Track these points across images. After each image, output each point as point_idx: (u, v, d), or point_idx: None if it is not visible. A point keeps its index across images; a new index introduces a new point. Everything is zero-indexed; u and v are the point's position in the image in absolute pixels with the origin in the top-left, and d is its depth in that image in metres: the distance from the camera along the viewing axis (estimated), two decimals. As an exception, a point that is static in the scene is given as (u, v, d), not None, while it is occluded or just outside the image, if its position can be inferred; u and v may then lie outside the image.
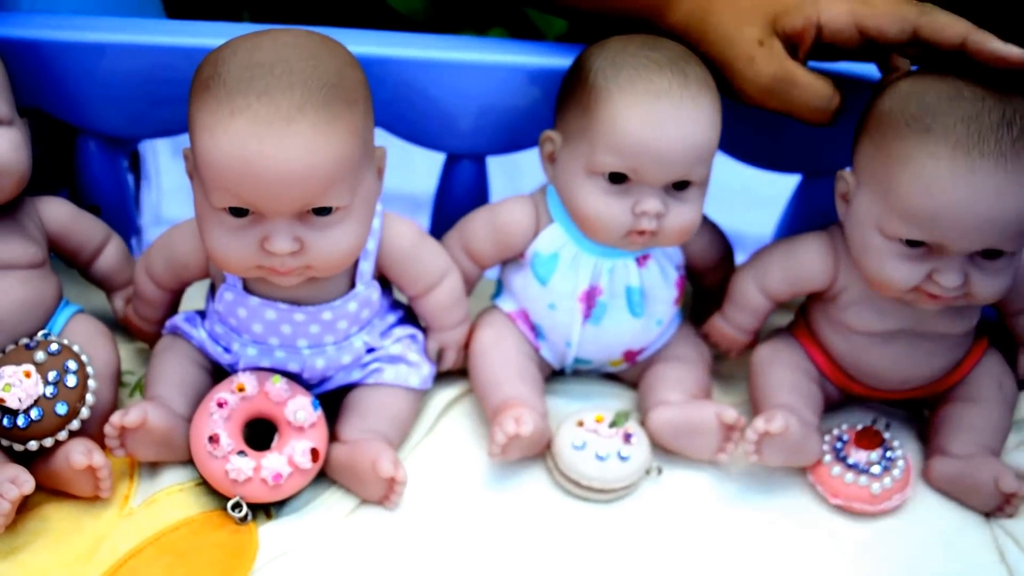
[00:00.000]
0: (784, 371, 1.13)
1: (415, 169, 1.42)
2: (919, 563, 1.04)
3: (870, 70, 1.12)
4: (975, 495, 1.07)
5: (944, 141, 0.97)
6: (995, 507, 1.07)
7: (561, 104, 1.11)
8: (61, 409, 1.01)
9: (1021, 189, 0.97)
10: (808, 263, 1.11)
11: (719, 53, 1.08)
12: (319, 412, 1.05)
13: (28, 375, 1.01)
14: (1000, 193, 0.96)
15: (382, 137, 1.12)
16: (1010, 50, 0.97)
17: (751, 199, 1.38)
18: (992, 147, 0.96)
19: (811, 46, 1.05)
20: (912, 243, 1.00)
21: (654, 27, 1.11)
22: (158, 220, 1.42)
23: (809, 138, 1.18)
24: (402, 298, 1.17)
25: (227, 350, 1.08)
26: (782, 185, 1.29)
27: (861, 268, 1.05)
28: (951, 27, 0.99)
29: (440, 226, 1.25)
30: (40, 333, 1.06)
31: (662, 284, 1.13)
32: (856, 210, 1.05)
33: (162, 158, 1.52)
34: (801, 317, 1.16)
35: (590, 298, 1.11)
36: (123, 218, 1.28)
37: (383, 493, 1.04)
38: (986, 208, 0.96)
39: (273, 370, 1.08)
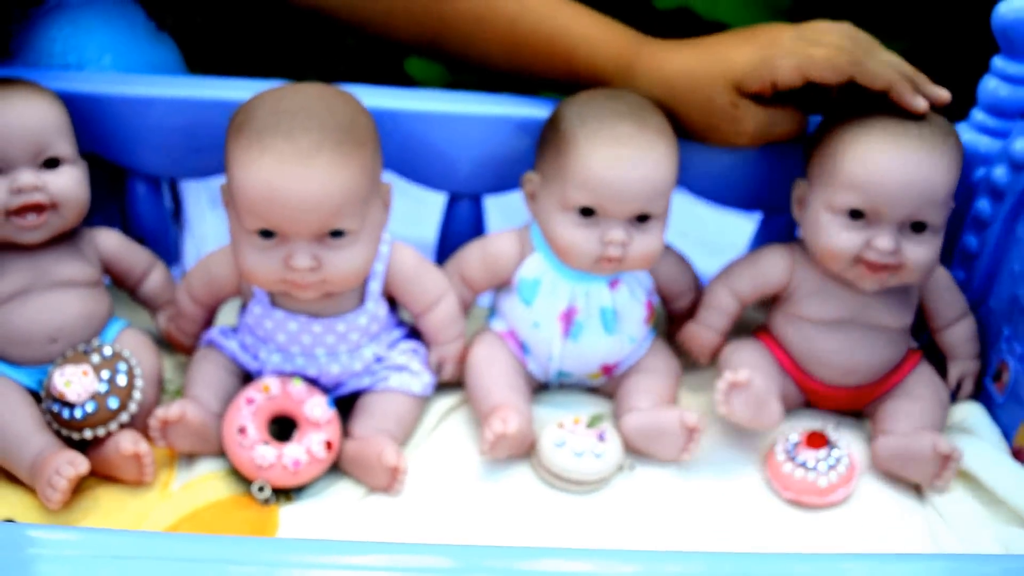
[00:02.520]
0: (748, 356, 1.24)
1: (425, 220, 1.51)
2: (861, 549, 1.12)
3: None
4: (915, 466, 1.17)
5: (877, 129, 1.15)
6: (933, 476, 1.16)
7: (539, 149, 1.22)
8: (113, 403, 1.11)
9: (935, 166, 1.14)
10: (770, 266, 1.25)
11: (699, 118, 1.22)
12: (333, 410, 1.16)
13: (85, 374, 1.12)
14: (919, 166, 1.14)
15: (394, 181, 1.22)
16: (919, 102, 1.14)
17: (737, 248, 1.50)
18: (913, 134, 1.14)
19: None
20: (854, 214, 1.16)
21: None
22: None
23: (766, 182, 1.30)
24: (407, 317, 1.27)
25: (255, 357, 1.19)
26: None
27: (814, 248, 1.20)
28: (881, 77, 1.15)
29: (444, 255, 1.35)
30: (95, 341, 1.17)
31: (632, 305, 1.23)
32: (810, 203, 1.20)
33: (203, 210, 1.61)
34: (761, 328, 1.28)
35: (568, 318, 1.22)
36: (165, 249, 1.36)
37: (388, 481, 1.13)
38: (909, 176, 1.13)
39: (294, 374, 1.18)
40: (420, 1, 1.30)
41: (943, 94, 1.16)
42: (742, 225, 1.58)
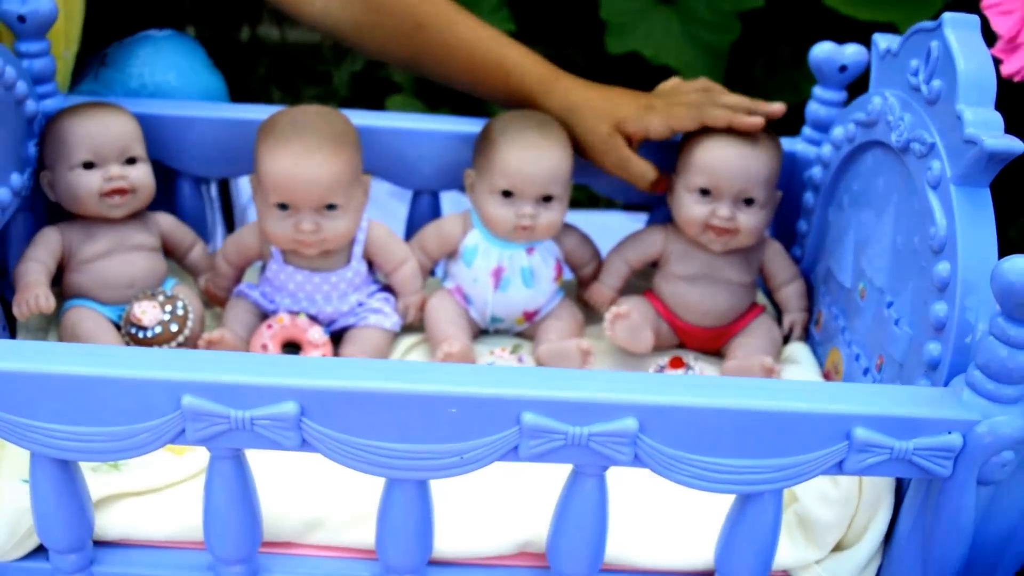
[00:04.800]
0: (632, 303, 1.60)
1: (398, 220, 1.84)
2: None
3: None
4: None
5: (718, 133, 1.52)
6: None
7: (475, 152, 1.59)
8: (173, 328, 1.46)
9: (758, 157, 1.52)
10: (650, 238, 1.62)
11: (583, 138, 1.58)
12: (327, 337, 1.52)
13: (154, 307, 1.46)
14: (745, 157, 1.51)
15: (374, 182, 1.57)
16: (751, 123, 1.51)
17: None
18: (742, 136, 1.52)
19: (639, 142, 1.58)
20: (703, 192, 1.52)
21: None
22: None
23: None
24: (381, 278, 1.61)
25: (271, 302, 1.54)
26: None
27: (678, 219, 1.56)
28: (722, 117, 1.52)
29: (411, 234, 1.69)
30: (158, 287, 1.53)
31: (544, 267, 1.58)
32: (675, 189, 1.56)
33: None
34: (647, 290, 1.66)
35: (498, 275, 1.56)
36: (203, 230, 1.67)
37: (366, 388, 1.49)
38: (738, 163, 1.51)
39: (300, 312, 1.52)
40: (401, 32, 1.63)
41: (775, 109, 1.55)
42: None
